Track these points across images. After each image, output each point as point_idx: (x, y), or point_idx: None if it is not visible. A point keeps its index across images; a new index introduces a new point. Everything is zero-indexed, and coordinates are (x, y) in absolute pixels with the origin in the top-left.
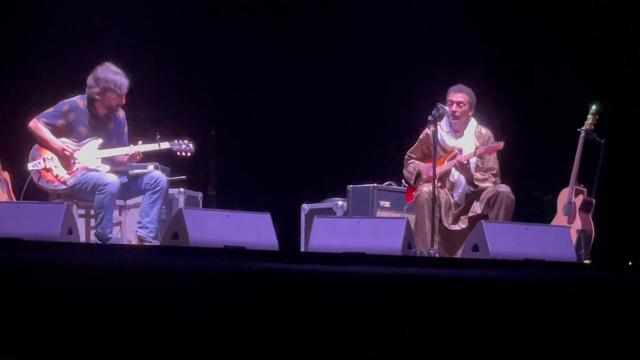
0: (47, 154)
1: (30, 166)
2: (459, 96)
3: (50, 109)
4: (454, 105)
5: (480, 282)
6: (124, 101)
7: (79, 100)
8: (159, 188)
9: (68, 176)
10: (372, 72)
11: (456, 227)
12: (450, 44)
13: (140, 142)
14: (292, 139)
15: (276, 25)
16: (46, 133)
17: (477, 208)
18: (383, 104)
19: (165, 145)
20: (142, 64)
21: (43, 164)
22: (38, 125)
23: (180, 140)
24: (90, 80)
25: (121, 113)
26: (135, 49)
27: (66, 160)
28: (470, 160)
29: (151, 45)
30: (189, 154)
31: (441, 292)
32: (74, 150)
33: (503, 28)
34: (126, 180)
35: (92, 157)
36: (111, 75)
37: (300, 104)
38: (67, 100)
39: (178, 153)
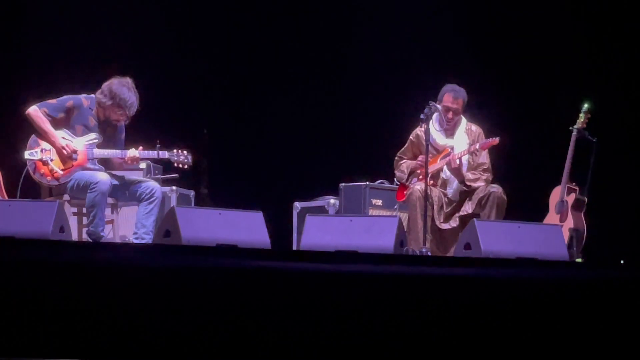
0: (46, 144)
1: (26, 154)
2: (455, 102)
3: (54, 101)
4: (450, 112)
5: (473, 281)
6: (127, 122)
7: (84, 99)
8: (154, 199)
9: (62, 172)
10: (363, 70)
11: (447, 226)
12: (441, 42)
13: (141, 147)
14: (284, 138)
15: (267, 25)
16: (46, 124)
17: (468, 207)
18: (375, 102)
19: (164, 154)
20: (135, 62)
21: (40, 154)
22: (39, 113)
23: (179, 151)
24: (105, 88)
25: None
26: (128, 46)
27: (63, 157)
28: (463, 158)
29: (144, 44)
30: (186, 167)
31: (433, 290)
32: (74, 150)
33: (494, 27)
34: (119, 183)
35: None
36: (127, 94)
37: (292, 103)
38: (72, 96)
39: (175, 164)
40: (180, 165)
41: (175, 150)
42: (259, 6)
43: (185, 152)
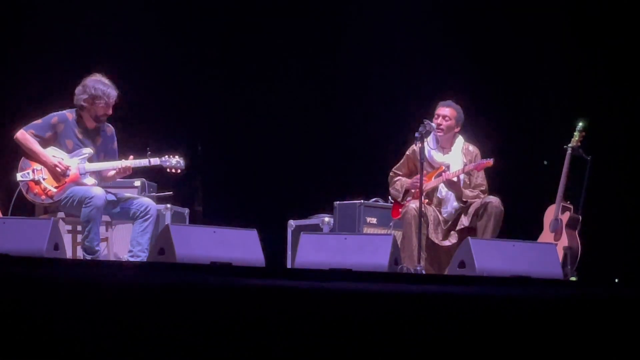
0: (36, 165)
1: (19, 176)
2: (446, 110)
3: (39, 121)
4: (440, 118)
5: (467, 299)
6: (110, 111)
7: (68, 113)
8: (149, 216)
9: (55, 190)
10: (359, 88)
11: (447, 243)
12: (437, 61)
13: (131, 156)
14: (278, 155)
15: (262, 42)
16: (35, 145)
17: (464, 221)
18: (370, 120)
19: (155, 161)
20: (130, 79)
21: (32, 175)
22: (26, 136)
23: (170, 156)
24: (78, 89)
25: (110, 128)
26: (123, 64)
27: (56, 175)
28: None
29: (139, 61)
30: (179, 171)
31: (427, 308)
32: (67, 167)
33: (490, 47)
34: (115, 199)
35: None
36: (100, 85)
37: (287, 120)
38: (56, 112)
39: (168, 170)
40: (173, 170)
41: (166, 156)
42: (254, 23)
43: (176, 156)
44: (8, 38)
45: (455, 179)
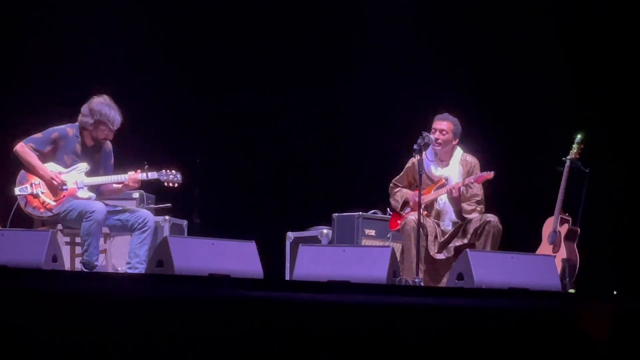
0: (35, 179)
1: (17, 190)
2: (443, 124)
3: (39, 135)
4: (437, 132)
5: (465, 311)
6: (112, 137)
7: (68, 128)
8: (147, 228)
9: (54, 203)
10: (357, 100)
11: (441, 256)
12: (435, 73)
13: (139, 170)
14: (277, 167)
15: (261, 54)
16: (34, 159)
17: (463, 237)
18: (368, 132)
19: (153, 175)
20: (128, 91)
21: (30, 189)
22: (25, 149)
23: (168, 171)
24: (85, 109)
25: (108, 145)
26: (122, 76)
27: (54, 188)
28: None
29: (137, 73)
30: (176, 185)
31: (426, 320)
32: (63, 182)
33: (489, 58)
34: (113, 210)
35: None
36: (106, 109)
37: (285, 132)
38: (56, 127)
39: (165, 184)
40: (171, 184)
41: (163, 170)
42: (253, 38)
43: (173, 170)
44: (7, 50)
45: (457, 194)
